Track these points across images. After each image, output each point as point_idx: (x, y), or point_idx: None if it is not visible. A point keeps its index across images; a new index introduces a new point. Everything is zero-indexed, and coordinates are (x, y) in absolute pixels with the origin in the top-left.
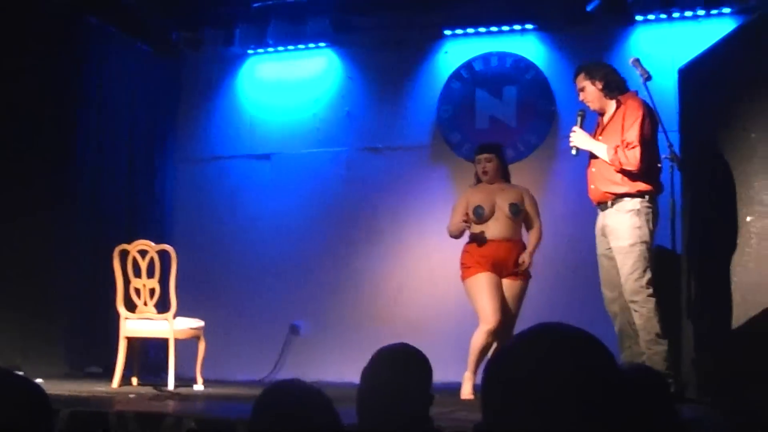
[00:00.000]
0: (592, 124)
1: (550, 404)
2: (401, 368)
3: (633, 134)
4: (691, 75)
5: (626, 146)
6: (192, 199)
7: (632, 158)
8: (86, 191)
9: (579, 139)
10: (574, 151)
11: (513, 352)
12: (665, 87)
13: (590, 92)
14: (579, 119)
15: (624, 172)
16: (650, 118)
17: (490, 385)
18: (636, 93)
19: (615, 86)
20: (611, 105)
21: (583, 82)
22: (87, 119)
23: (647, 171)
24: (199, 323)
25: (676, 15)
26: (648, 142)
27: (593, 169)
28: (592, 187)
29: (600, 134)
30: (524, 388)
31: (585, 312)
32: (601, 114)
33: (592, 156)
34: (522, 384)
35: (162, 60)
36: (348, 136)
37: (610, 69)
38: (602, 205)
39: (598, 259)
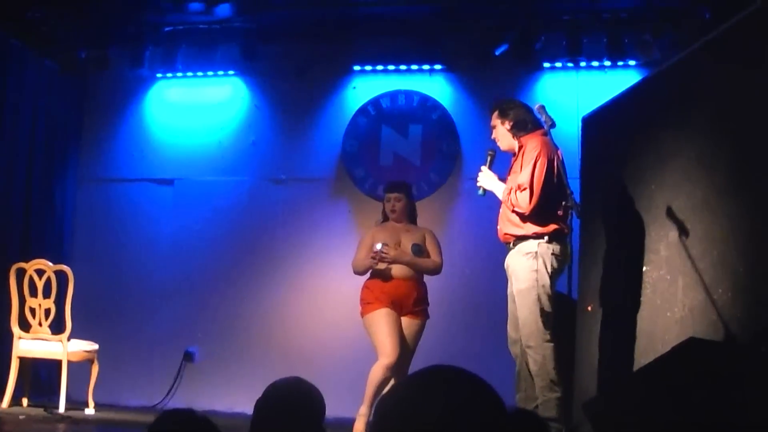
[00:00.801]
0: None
1: None
2: (294, 401)
3: (525, 176)
4: (594, 124)
5: (518, 188)
6: (92, 220)
7: (522, 201)
8: None
9: (485, 179)
10: (480, 191)
11: (404, 392)
12: (569, 134)
13: (500, 131)
14: (488, 159)
15: (518, 215)
16: (549, 159)
17: (380, 421)
18: (542, 133)
19: (522, 126)
20: (517, 145)
21: (495, 120)
22: None
23: (541, 213)
24: (93, 346)
25: (582, 64)
26: (543, 184)
27: (501, 210)
28: (499, 227)
29: (508, 175)
30: (413, 427)
31: (482, 350)
32: (513, 154)
33: None
34: (411, 422)
35: (68, 77)
36: (252, 166)
37: (522, 109)
38: (507, 246)
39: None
